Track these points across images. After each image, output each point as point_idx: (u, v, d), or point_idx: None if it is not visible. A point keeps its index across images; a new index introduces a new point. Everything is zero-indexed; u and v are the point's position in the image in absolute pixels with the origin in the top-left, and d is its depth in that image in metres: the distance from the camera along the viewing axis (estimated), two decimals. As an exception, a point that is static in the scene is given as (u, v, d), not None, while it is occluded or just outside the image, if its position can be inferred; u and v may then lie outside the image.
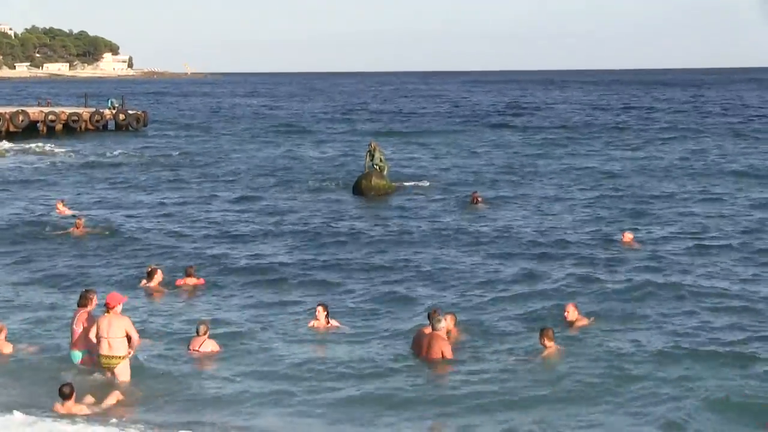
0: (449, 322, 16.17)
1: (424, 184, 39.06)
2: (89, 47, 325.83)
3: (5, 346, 15.75)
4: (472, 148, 56.94)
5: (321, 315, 17.42)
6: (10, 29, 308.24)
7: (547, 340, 15.48)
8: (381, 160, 37.04)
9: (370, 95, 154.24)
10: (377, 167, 36.73)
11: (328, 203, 34.31)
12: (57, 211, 31.27)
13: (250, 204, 34.25)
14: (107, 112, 72.62)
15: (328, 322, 17.42)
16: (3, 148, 55.32)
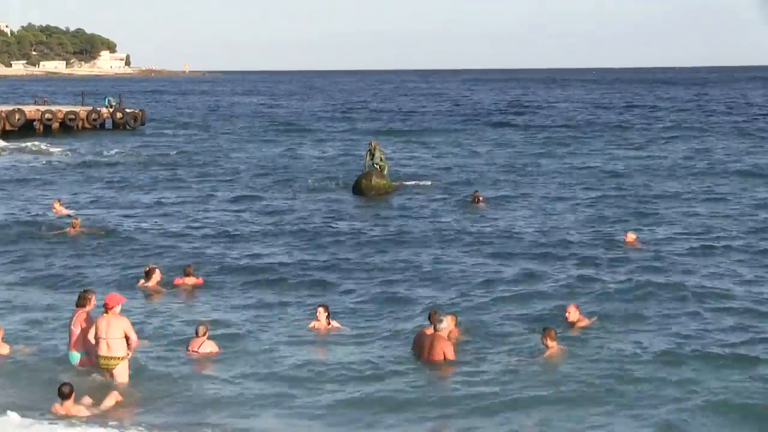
0: (450, 323, 16.16)
1: (424, 183, 39.07)
2: (86, 45, 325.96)
3: (2, 347, 15.75)
4: (473, 147, 56.95)
5: (322, 316, 17.42)
6: (7, 27, 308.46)
7: (550, 340, 15.48)
8: (381, 160, 37.06)
9: (371, 94, 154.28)
10: (377, 166, 36.75)
11: (328, 203, 34.31)
12: (53, 210, 31.30)
13: (249, 203, 34.26)
14: (104, 110, 72.61)
15: (329, 323, 17.43)
16: (-1, 146, 55.38)
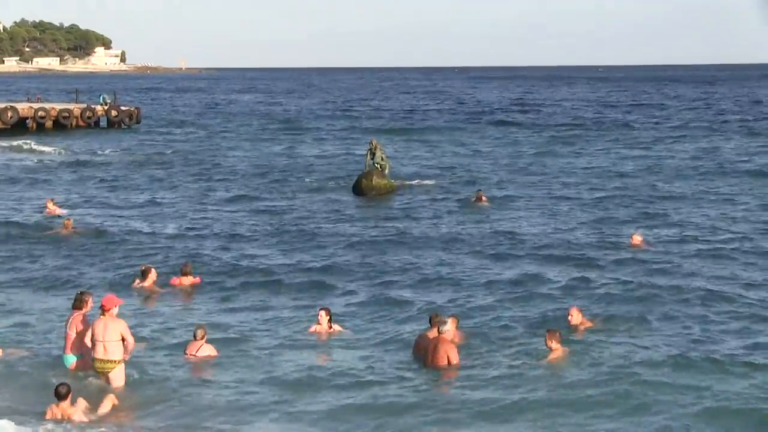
0: (452, 326, 16.16)
1: (426, 183, 39.10)
2: (80, 41, 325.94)
3: (-6, 351, 15.76)
4: (476, 146, 57.01)
5: (323, 320, 17.44)
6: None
7: (555, 343, 15.49)
8: (382, 159, 37.09)
9: (371, 91, 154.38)
10: (378, 166, 36.77)
11: (328, 203, 34.33)
12: (47, 210, 31.32)
13: (247, 204, 34.28)
14: (99, 108, 72.65)
15: (330, 327, 17.45)
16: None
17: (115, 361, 14.20)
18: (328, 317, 17.50)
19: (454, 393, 14.36)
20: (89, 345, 14.33)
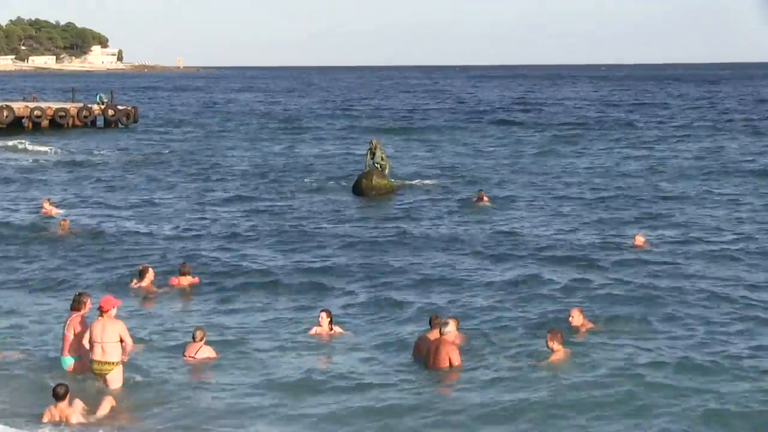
0: (453, 327, 16.17)
1: (427, 183, 39.12)
2: (77, 39, 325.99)
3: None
4: (477, 146, 57.03)
5: (324, 321, 17.45)
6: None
7: (556, 344, 15.51)
8: (382, 159, 37.12)
9: (371, 90, 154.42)
10: (378, 166, 36.80)
11: (328, 203, 34.36)
12: (43, 210, 31.34)
13: (246, 204, 34.30)
14: (96, 107, 72.68)
15: (331, 329, 17.46)
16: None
17: (113, 362, 14.21)
18: (329, 319, 17.52)
19: (456, 395, 14.39)
20: (87, 347, 14.34)
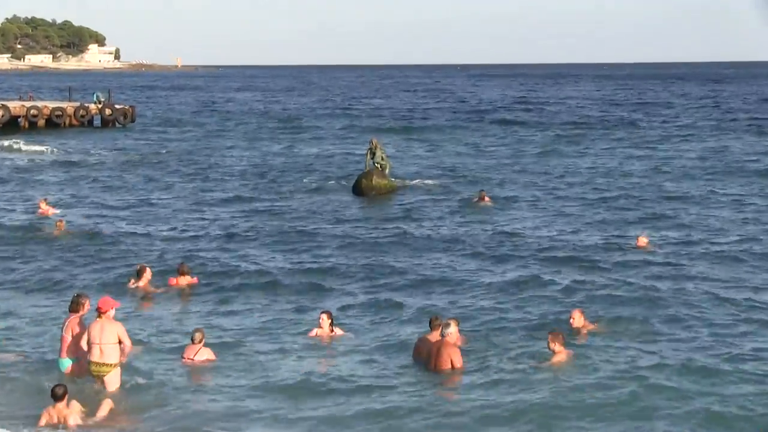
0: (455, 328, 16.19)
1: (428, 183, 39.14)
2: (74, 38, 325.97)
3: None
4: (478, 145, 57.06)
5: (325, 323, 17.47)
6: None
7: (558, 345, 15.52)
8: (382, 159, 37.16)
9: (372, 89, 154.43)
10: (378, 165, 36.83)
11: (327, 203, 34.38)
12: (39, 210, 31.35)
13: (245, 204, 34.32)
14: (92, 106, 72.69)
15: (332, 331, 17.48)
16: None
17: (111, 364, 14.22)
18: (330, 321, 17.54)
19: (457, 397, 14.42)
20: (85, 348, 14.35)
